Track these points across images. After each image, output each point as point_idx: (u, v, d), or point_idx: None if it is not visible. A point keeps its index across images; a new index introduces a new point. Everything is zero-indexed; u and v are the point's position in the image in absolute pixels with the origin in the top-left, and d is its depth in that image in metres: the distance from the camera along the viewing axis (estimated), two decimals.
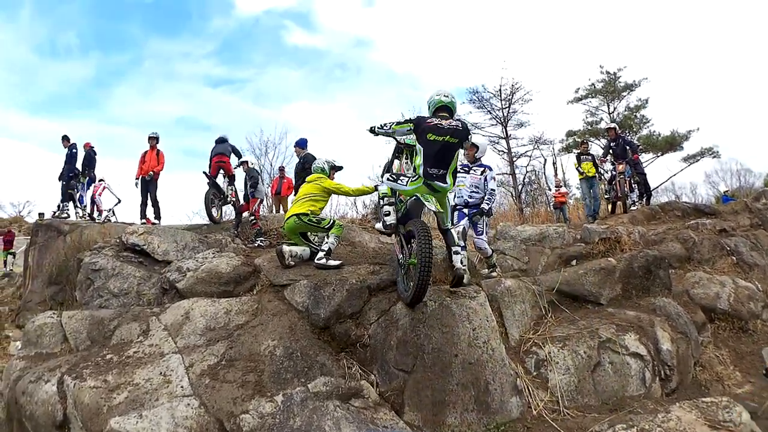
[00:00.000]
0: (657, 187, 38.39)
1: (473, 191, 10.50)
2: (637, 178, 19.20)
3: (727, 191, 41.76)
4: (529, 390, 7.85)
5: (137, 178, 16.94)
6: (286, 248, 9.87)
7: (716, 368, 9.72)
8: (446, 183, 7.83)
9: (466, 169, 10.60)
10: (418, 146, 7.90)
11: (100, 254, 12.13)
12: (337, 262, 9.53)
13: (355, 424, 6.93)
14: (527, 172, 42.79)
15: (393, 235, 8.79)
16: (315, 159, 12.52)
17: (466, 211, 10.46)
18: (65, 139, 18.66)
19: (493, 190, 10.50)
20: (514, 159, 41.63)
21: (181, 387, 7.59)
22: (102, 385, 7.94)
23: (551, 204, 25.40)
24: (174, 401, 7.36)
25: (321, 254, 9.66)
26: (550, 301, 9.62)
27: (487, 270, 10.39)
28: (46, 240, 15.40)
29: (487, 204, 10.52)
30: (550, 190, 30.66)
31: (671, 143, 40.99)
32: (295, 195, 12.37)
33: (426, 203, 7.99)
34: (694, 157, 41.79)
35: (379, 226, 8.67)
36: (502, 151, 41.75)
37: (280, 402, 7.10)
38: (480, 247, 10.37)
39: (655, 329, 9.11)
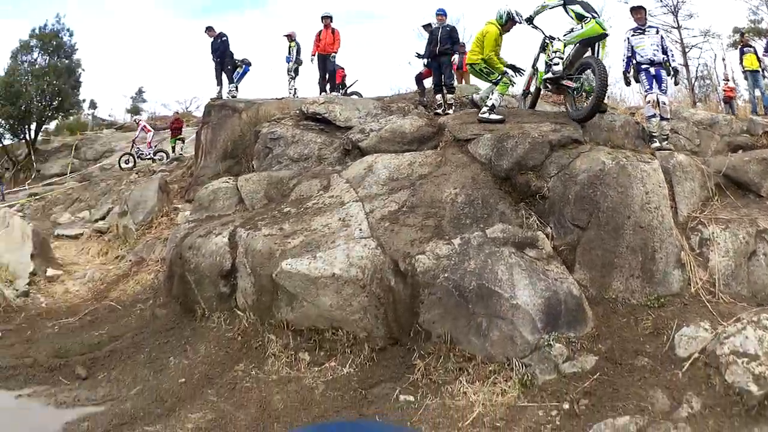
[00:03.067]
0: None
1: (655, 50, 10.58)
2: None
3: None
4: (691, 266, 7.80)
5: (313, 55, 17.33)
6: (475, 96, 10.68)
7: None
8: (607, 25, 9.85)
9: (641, 30, 10.78)
10: (573, 6, 9.91)
11: (279, 124, 12.63)
12: (498, 117, 9.85)
13: (527, 272, 7.16)
14: (699, 65, 41.00)
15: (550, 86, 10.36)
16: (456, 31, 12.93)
17: (652, 70, 10.50)
18: (210, 29, 18.45)
19: (672, 50, 10.77)
20: (687, 50, 39.85)
21: (360, 230, 8.01)
22: (277, 233, 8.48)
23: (721, 99, 24.37)
24: (351, 243, 7.82)
25: (485, 108, 9.96)
26: (717, 185, 9.38)
27: (659, 143, 10.33)
28: (219, 118, 15.82)
29: (674, 61, 10.74)
30: (719, 84, 29.28)
31: None
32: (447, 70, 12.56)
33: (599, 50, 10.08)
34: None
35: (548, 76, 10.07)
36: (675, 41, 39.97)
37: (457, 245, 7.41)
38: (663, 102, 10.37)
39: None
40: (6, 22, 78.55)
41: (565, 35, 10.09)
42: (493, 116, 9.87)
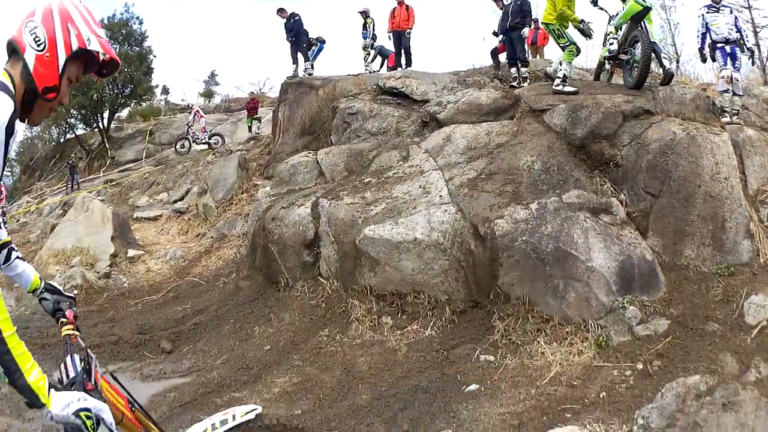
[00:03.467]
0: None
1: (730, 29, 10.61)
2: None
3: None
4: (759, 237, 7.94)
5: (389, 32, 17.61)
6: (548, 69, 11.11)
7: None
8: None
9: (715, 8, 10.77)
10: None
11: (357, 99, 13.04)
12: (572, 89, 10.06)
13: (602, 236, 7.40)
14: None
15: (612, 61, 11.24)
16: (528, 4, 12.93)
17: (728, 48, 10.55)
18: (281, 11, 18.76)
19: (745, 29, 10.92)
20: (758, 30, 39.00)
21: (440, 196, 8.36)
22: (359, 201, 8.87)
23: None
24: (431, 208, 8.17)
25: (557, 80, 10.19)
26: None
27: (729, 118, 10.39)
28: (296, 96, 16.22)
29: (748, 42, 10.87)
30: None
31: None
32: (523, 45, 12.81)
33: (647, 25, 10.28)
34: None
35: (606, 54, 11.09)
36: (747, 21, 39.11)
37: (534, 209, 7.70)
38: (737, 78, 10.45)
39: None
40: None
41: (613, 17, 10.95)
42: (567, 88, 10.08)
